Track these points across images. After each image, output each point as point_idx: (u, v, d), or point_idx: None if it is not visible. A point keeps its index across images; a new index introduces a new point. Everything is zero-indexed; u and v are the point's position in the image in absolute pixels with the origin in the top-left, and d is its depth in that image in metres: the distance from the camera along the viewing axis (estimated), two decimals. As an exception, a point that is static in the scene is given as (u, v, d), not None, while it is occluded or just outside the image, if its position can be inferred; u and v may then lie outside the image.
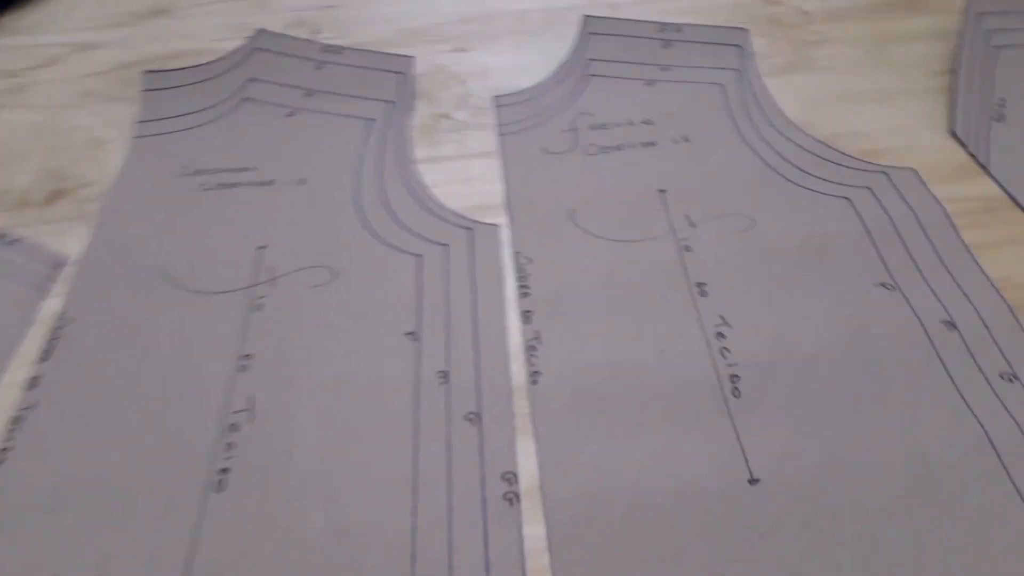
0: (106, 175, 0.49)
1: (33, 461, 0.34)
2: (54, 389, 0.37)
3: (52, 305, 0.41)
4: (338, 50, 0.55)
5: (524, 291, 0.41)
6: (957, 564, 0.30)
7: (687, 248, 0.42)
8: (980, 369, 0.36)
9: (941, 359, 0.37)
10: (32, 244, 0.44)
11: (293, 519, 0.32)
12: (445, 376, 0.37)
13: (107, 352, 0.38)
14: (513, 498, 0.33)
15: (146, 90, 0.53)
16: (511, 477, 0.33)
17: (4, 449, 0.35)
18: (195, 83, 0.54)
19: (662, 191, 0.46)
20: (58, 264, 0.43)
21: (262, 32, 0.55)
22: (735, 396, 0.36)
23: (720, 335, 0.38)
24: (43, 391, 0.37)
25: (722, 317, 0.39)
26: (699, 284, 0.40)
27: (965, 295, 0.39)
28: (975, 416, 0.34)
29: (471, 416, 0.35)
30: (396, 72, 0.54)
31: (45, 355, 0.38)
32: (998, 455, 0.33)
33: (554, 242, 0.43)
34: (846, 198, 0.44)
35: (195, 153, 0.50)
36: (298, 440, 0.35)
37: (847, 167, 0.46)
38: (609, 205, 0.45)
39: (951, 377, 0.36)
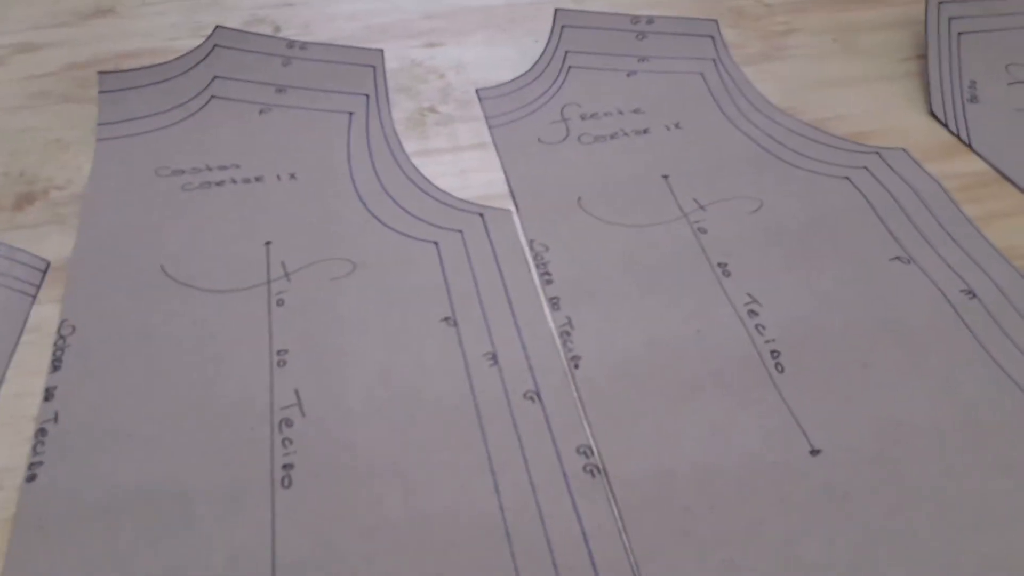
0: (76, 177, 0.46)
1: (71, 474, 0.32)
2: (73, 399, 0.34)
3: (43, 312, 0.39)
4: (303, 46, 0.53)
5: (547, 278, 0.40)
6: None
7: (702, 230, 0.42)
8: (1007, 335, 0.37)
9: (968, 327, 0.37)
10: (11, 248, 0.41)
11: (370, 510, 0.31)
12: (493, 358, 0.36)
13: (122, 356, 0.36)
14: (594, 470, 0.32)
15: (103, 91, 0.50)
16: (587, 450, 0.32)
17: (33, 464, 0.32)
18: (155, 83, 0.51)
19: (665, 176, 0.45)
20: (42, 268, 0.40)
21: (221, 29, 0.53)
22: (779, 371, 0.36)
23: (752, 312, 0.38)
24: (61, 402, 0.34)
25: (750, 295, 0.39)
26: (721, 264, 0.40)
27: (978, 265, 0.40)
28: (1012, 379, 0.35)
29: (530, 395, 0.34)
30: (367, 65, 0.53)
31: (56, 365, 0.36)
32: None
33: (567, 229, 0.43)
34: (845, 178, 0.45)
35: (168, 153, 0.47)
36: (356, 430, 0.33)
37: (840, 148, 0.47)
38: (615, 191, 0.45)
39: (980, 343, 0.37)
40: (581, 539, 0.30)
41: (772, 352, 0.36)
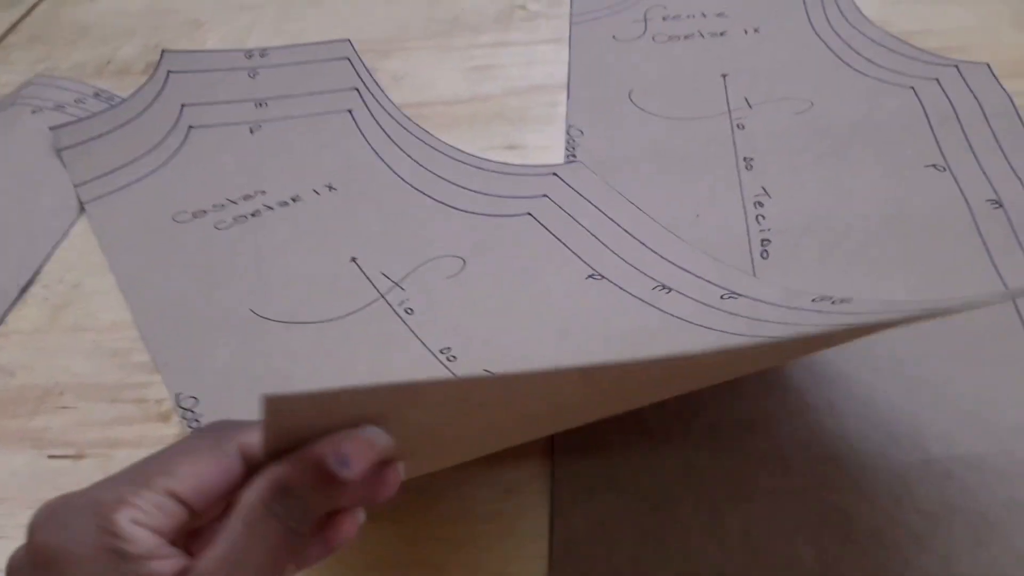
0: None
1: None
2: None
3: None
4: (263, 52, 0.51)
5: (571, 159, 0.42)
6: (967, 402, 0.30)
7: (740, 126, 0.42)
8: (1021, 246, 0.35)
9: (981, 234, 0.36)
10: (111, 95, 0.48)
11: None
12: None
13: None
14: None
15: (63, 149, 0.46)
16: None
17: None
18: (118, 127, 0.47)
19: (724, 75, 0.46)
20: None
21: (169, 53, 0.50)
22: (763, 257, 0.36)
23: (759, 203, 0.38)
24: None
25: (764, 188, 0.39)
26: (746, 159, 0.41)
27: (1018, 177, 0.38)
28: (1005, 285, 0.34)
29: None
30: (339, 59, 0.50)
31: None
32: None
33: (608, 118, 0.44)
34: (910, 88, 0.44)
35: (173, 198, 0.43)
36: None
37: (917, 59, 0.45)
38: (669, 87, 0.46)
39: (988, 250, 0.35)
40: None
41: (763, 240, 0.37)
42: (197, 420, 0.32)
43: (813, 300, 0.32)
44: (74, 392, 0.34)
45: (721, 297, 0.33)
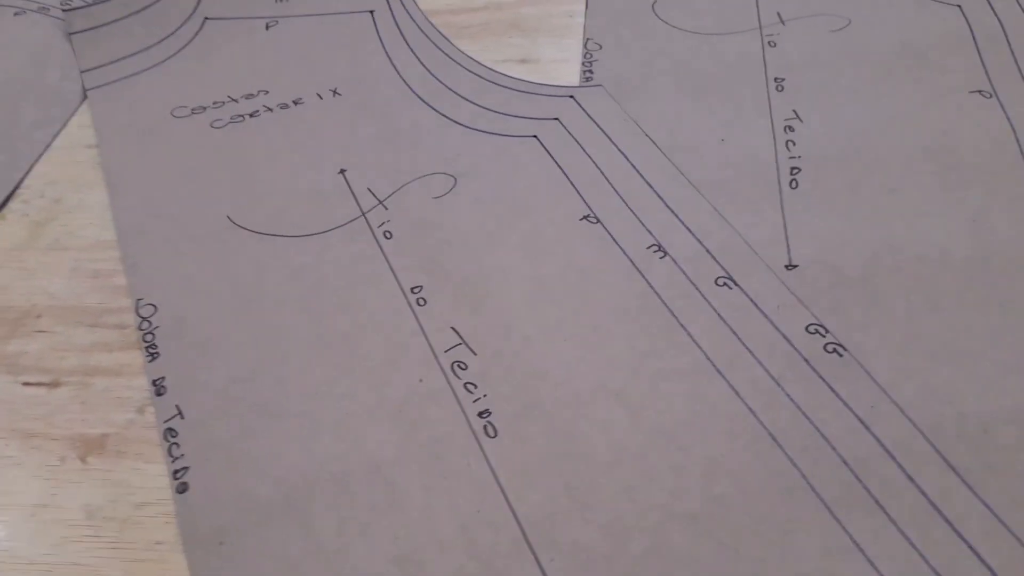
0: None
1: (226, 474, 0.27)
2: (190, 387, 0.29)
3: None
4: None
5: (588, 76, 0.39)
6: (1007, 350, 0.27)
7: (771, 44, 0.40)
8: (1073, 181, 0.33)
9: (1030, 165, 0.33)
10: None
11: (601, 440, 0.27)
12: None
13: (226, 325, 0.31)
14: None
15: (74, 33, 0.45)
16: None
17: (178, 471, 0.27)
18: (132, 13, 0.45)
19: (756, -12, 0.43)
20: None
21: None
22: (792, 187, 0.33)
23: (789, 128, 0.36)
24: (177, 393, 0.29)
25: (795, 111, 0.36)
26: (777, 79, 0.38)
27: (1073, 106, 0.35)
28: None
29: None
30: None
31: (152, 353, 0.30)
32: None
33: (629, 31, 0.41)
34: (957, 5, 0.40)
35: (177, 90, 0.41)
36: (541, 356, 0.29)
37: (967, -25, 0.42)
38: (696, -1, 0.42)
39: (1036, 182, 0.33)
40: (860, 426, 0.26)
41: (792, 168, 0.34)
42: (152, 332, 0.31)
43: (808, 328, 0.28)
44: (52, 315, 0.32)
45: (715, 282, 0.30)
